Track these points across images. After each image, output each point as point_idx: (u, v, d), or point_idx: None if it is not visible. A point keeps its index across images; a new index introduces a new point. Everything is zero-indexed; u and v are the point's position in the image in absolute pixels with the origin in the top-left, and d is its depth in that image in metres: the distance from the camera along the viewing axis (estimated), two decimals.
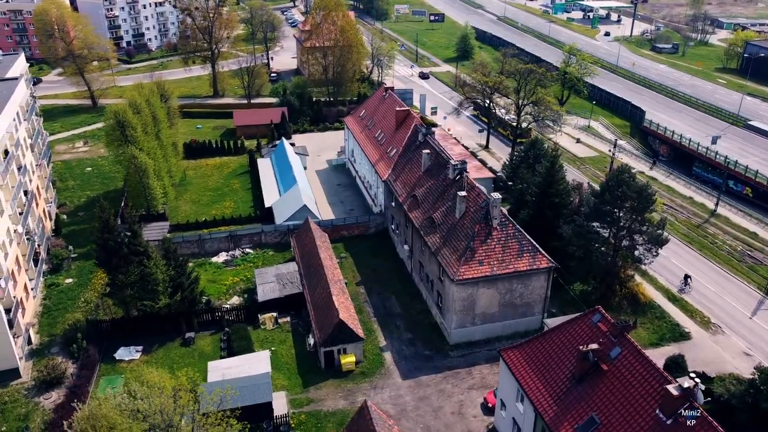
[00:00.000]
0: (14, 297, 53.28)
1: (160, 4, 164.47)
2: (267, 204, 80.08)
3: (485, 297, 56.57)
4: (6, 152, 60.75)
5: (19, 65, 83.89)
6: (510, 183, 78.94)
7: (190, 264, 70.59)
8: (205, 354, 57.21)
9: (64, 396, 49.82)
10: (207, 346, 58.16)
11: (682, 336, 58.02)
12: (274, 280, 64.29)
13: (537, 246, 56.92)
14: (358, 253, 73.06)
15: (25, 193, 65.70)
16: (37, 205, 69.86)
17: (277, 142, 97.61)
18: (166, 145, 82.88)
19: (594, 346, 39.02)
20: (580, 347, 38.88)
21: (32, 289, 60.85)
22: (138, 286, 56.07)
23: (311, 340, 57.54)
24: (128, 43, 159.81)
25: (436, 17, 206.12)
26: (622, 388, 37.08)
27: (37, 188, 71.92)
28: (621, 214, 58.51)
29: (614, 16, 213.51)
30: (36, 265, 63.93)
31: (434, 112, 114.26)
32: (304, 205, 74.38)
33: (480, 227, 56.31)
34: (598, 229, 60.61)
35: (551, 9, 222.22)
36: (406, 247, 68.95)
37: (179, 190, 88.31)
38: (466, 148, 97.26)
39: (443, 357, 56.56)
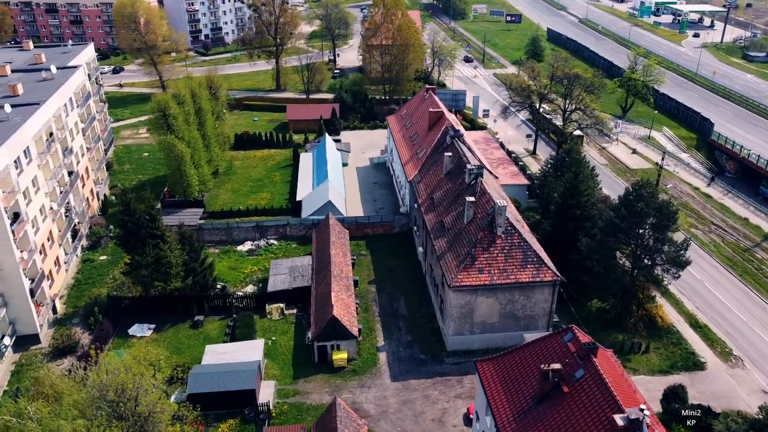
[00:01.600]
0: (41, 269, 57.65)
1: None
2: (298, 197, 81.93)
3: (484, 306, 55.36)
4: (50, 134, 65.65)
5: (86, 54, 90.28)
6: (537, 191, 76.52)
7: (216, 250, 74.03)
8: (211, 337, 59.54)
9: (72, 364, 53.55)
10: (214, 330, 60.48)
11: (696, 365, 54.26)
12: (287, 272, 65.84)
13: (542, 258, 55.04)
14: (379, 252, 73.31)
15: (70, 173, 70.77)
16: (83, 185, 75.06)
17: (321, 137, 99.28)
18: (209, 136, 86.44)
19: (557, 366, 37.38)
20: (542, 366, 37.40)
21: (65, 262, 65.58)
22: (153, 268, 59.16)
23: (310, 334, 58.52)
24: (206, 36, 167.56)
25: (513, 18, 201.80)
26: (578, 412, 35.37)
27: (86, 169, 77.22)
28: (640, 231, 55.46)
29: (707, 21, 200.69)
30: (74, 241, 68.87)
31: (486, 115, 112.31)
32: (329, 201, 75.47)
33: (484, 234, 55.13)
34: (616, 245, 57.69)
35: (638, 12, 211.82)
36: (420, 249, 68.58)
37: (223, 178, 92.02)
38: (510, 153, 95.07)
39: (438, 363, 55.90)
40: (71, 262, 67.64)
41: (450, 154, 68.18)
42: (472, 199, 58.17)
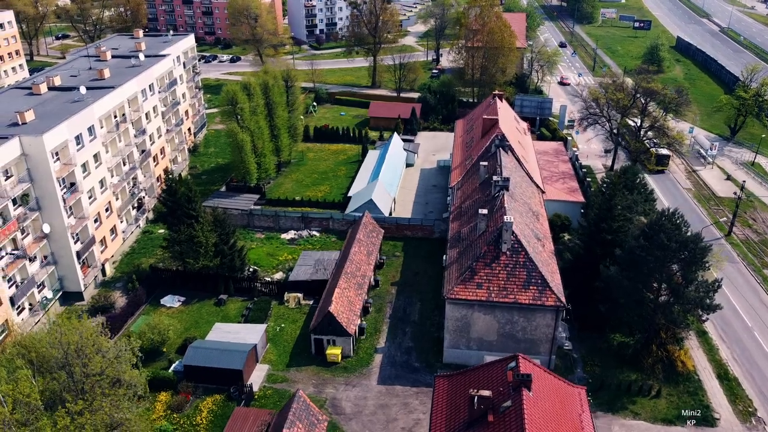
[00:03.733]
0: (92, 235, 64.65)
1: None
2: (349, 193, 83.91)
3: (482, 323, 53.81)
4: (123, 116, 72.95)
5: (184, 44, 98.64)
6: (582, 210, 72.17)
7: (261, 235, 78.13)
8: (229, 316, 63.33)
9: (102, 323, 59.70)
10: (233, 310, 64.25)
11: (706, 421, 48.88)
12: (312, 264, 68.08)
13: (548, 281, 52.29)
14: (412, 255, 73.32)
15: (142, 151, 78.16)
16: (156, 163, 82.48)
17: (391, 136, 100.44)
18: (279, 127, 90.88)
19: (486, 393, 35.99)
20: (471, 390, 36.18)
21: (123, 231, 72.73)
22: (185, 245, 64.06)
23: None
24: (321, 30, 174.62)
25: (642, 24, 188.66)
26: None
27: (161, 150, 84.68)
28: (662, 266, 50.86)
29: None
30: (137, 213, 76.12)
31: (570, 126, 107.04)
32: (371, 200, 76.62)
33: (488, 249, 53.54)
34: (636, 278, 53.27)
35: None
36: (445, 256, 67.59)
37: (292, 168, 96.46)
38: (582, 168, 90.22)
39: (429, 373, 55.14)
40: (131, 232, 74.77)
41: (486, 163, 66.47)
42: (484, 211, 56.59)
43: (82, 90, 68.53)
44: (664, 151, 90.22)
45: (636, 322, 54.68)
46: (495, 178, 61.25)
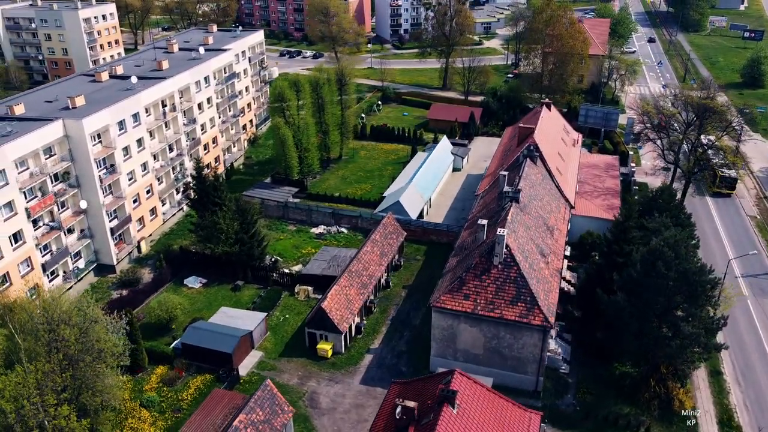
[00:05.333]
0: (129, 214, 69.84)
1: None
2: (385, 193, 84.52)
3: (468, 335, 52.76)
4: (173, 105, 77.90)
5: (252, 39, 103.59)
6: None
7: (293, 227, 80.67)
8: (241, 302, 66.14)
9: (120, 294, 64.74)
10: (246, 297, 67.02)
11: None
12: (328, 259, 69.47)
13: (537, 299, 50.37)
14: (432, 259, 72.81)
15: (192, 139, 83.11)
16: (207, 152, 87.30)
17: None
18: (328, 123, 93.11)
19: (411, 404, 35.63)
20: (397, 400, 35.96)
21: (163, 213, 77.81)
22: (208, 230, 67.63)
23: None
24: (405, 30, 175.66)
25: (752, 34, 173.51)
26: None
27: (214, 139, 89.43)
28: (658, 297, 47.49)
29: None
30: (180, 197, 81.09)
31: (635, 139, 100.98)
32: (398, 201, 76.83)
33: (480, 261, 52.39)
34: (633, 307, 50.01)
35: None
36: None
37: (340, 165, 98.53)
38: (633, 186, 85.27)
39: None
40: (173, 214, 79.78)
41: (506, 173, 64.72)
42: (483, 222, 55.33)
43: (134, 79, 74.08)
44: (731, 173, 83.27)
45: (634, 353, 51.41)
46: (506, 188, 59.61)
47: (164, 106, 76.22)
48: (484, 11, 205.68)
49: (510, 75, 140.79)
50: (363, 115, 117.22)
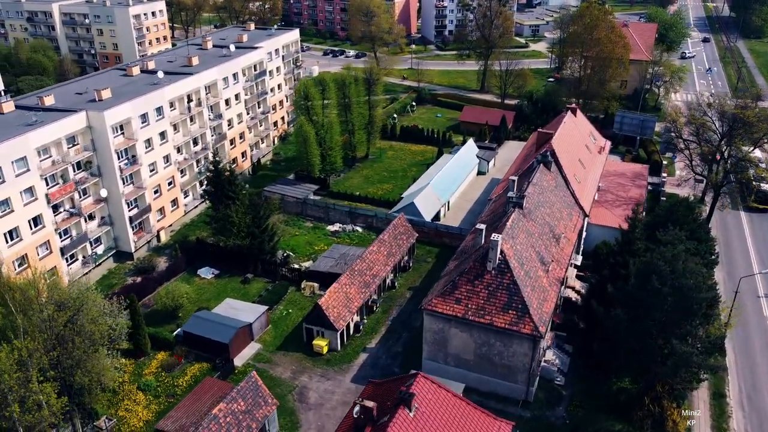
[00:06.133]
0: (149, 204, 72.39)
1: None
2: (404, 194, 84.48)
3: (459, 339, 52.25)
4: (198, 100, 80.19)
5: (286, 38, 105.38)
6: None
7: (310, 224, 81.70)
8: (249, 295, 67.47)
9: (134, 281, 67.18)
10: (254, 290, 68.34)
11: None
12: (336, 257, 70.04)
13: (528, 307, 49.38)
14: (443, 262, 72.18)
15: (219, 134, 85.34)
16: (233, 146, 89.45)
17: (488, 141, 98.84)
18: (354, 123, 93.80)
19: (370, 404, 35.67)
20: (356, 399, 36.05)
21: (185, 204, 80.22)
22: (221, 223, 69.35)
23: None
24: (450, 31, 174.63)
25: None
26: None
27: (241, 134, 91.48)
28: (651, 312, 45.76)
29: None
30: (204, 189, 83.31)
31: (669, 149, 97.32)
32: (412, 203, 76.71)
33: (474, 265, 51.78)
34: (629, 321, 48.35)
35: None
36: None
37: (365, 164, 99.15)
38: (661, 196, 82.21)
39: None
40: (195, 206, 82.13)
41: (515, 178, 63.63)
42: (481, 226, 54.61)
43: (160, 74, 76.76)
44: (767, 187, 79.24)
45: (630, 369, 49.74)
46: (510, 194, 58.63)
47: (190, 101, 78.43)
48: (534, 14, 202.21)
49: (550, 79, 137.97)
50: (395, 115, 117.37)
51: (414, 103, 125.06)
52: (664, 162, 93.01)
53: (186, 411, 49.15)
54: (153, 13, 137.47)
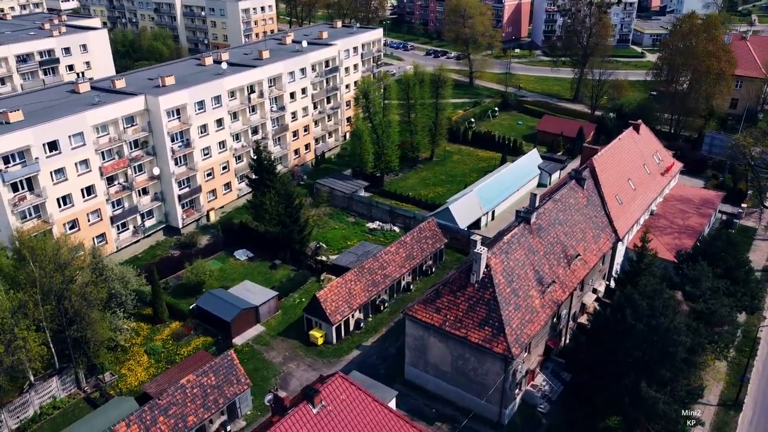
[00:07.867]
0: (200, 185, 77.90)
1: None
2: (450, 198, 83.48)
3: (437, 349, 51.44)
4: (261, 91, 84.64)
5: (368, 36, 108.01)
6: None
7: (352, 219, 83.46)
8: (272, 280, 70.48)
9: (172, 255, 72.74)
10: (278, 276, 71.23)
11: None
12: (359, 254, 71.12)
13: (504, 326, 47.48)
14: None
15: (281, 126, 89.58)
16: (295, 138, 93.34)
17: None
18: (417, 124, 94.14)
19: (283, 394, 36.54)
20: (271, 389, 37.04)
21: (239, 189, 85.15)
22: (258, 209, 73.08)
23: None
24: (558, 36, 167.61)
25: None
26: None
27: (306, 127, 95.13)
28: (617, 348, 42.29)
29: None
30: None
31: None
32: (447, 208, 75.76)
33: (458, 276, 50.69)
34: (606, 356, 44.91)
35: None
36: None
37: (426, 165, 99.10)
38: (728, 227, 74.21)
39: (386, 383, 54.47)
40: (249, 191, 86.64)
41: (537, 193, 60.80)
42: (476, 237, 53.03)
43: (224, 65, 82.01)
44: None
45: (611, 407, 46.18)
46: (520, 208, 56.30)
47: (252, 91, 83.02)
48: (659, 21, 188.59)
49: (653, 92, 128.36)
50: (473, 120, 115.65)
51: (497, 109, 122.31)
52: (749, 192, 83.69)
53: (170, 378, 52.84)
54: (262, 8, 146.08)
